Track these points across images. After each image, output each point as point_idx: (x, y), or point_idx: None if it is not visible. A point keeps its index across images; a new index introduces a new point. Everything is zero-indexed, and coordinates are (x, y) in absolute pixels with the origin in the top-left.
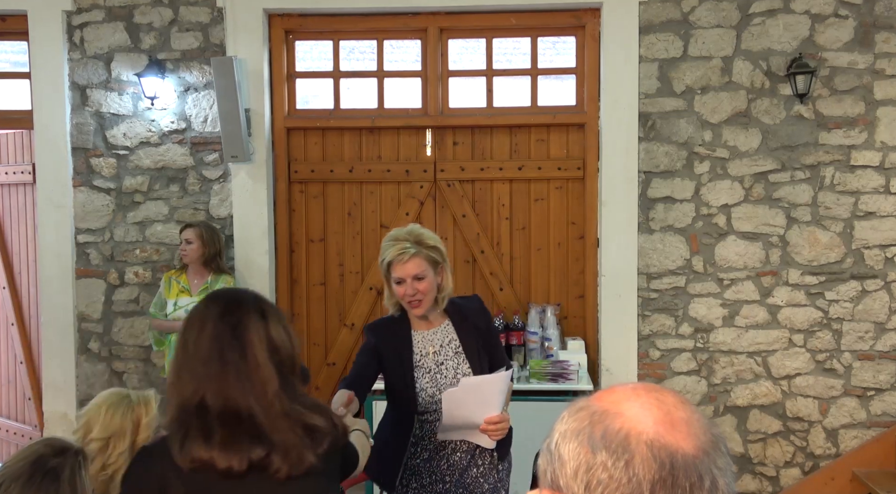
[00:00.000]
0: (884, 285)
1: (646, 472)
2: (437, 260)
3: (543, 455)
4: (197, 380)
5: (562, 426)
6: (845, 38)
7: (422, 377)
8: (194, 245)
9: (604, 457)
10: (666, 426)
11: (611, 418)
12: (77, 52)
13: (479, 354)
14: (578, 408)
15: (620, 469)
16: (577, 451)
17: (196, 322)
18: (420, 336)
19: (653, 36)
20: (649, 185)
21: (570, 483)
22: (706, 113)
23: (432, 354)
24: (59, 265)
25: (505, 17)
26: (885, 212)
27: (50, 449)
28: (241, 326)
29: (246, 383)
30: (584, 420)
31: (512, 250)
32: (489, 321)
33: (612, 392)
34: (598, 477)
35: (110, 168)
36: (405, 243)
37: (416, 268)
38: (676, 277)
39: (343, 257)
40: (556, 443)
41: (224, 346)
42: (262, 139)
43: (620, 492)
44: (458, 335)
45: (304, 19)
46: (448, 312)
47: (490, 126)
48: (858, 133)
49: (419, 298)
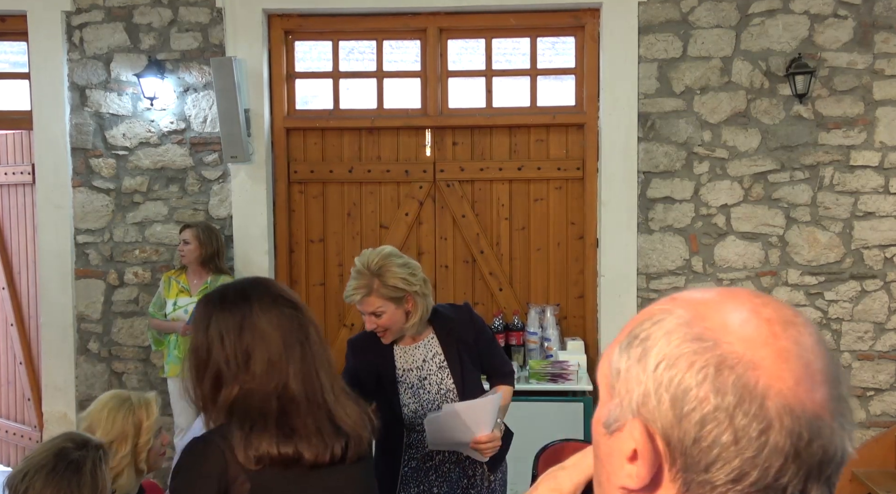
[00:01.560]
0: (883, 285)
1: (782, 445)
2: (398, 295)
3: (633, 373)
4: (274, 367)
5: (667, 347)
6: (844, 38)
7: (404, 392)
8: (192, 246)
9: (731, 413)
10: (807, 387)
11: (744, 366)
12: (76, 52)
13: (463, 368)
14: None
15: (752, 436)
16: (691, 388)
17: (253, 305)
18: (402, 351)
19: (652, 36)
20: (649, 185)
21: (671, 423)
22: (705, 113)
23: (415, 370)
24: (58, 266)
25: (504, 17)
26: (884, 212)
27: (72, 443)
28: (299, 310)
29: (318, 368)
30: (703, 354)
31: (511, 250)
32: (479, 330)
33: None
34: (717, 437)
35: (110, 169)
36: (360, 281)
37: (371, 306)
38: (676, 277)
39: (342, 258)
40: (658, 365)
41: (291, 330)
42: (261, 140)
43: (740, 460)
44: (443, 348)
45: (304, 20)
46: (433, 324)
47: (489, 126)
48: (858, 133)
49: (380, 331)
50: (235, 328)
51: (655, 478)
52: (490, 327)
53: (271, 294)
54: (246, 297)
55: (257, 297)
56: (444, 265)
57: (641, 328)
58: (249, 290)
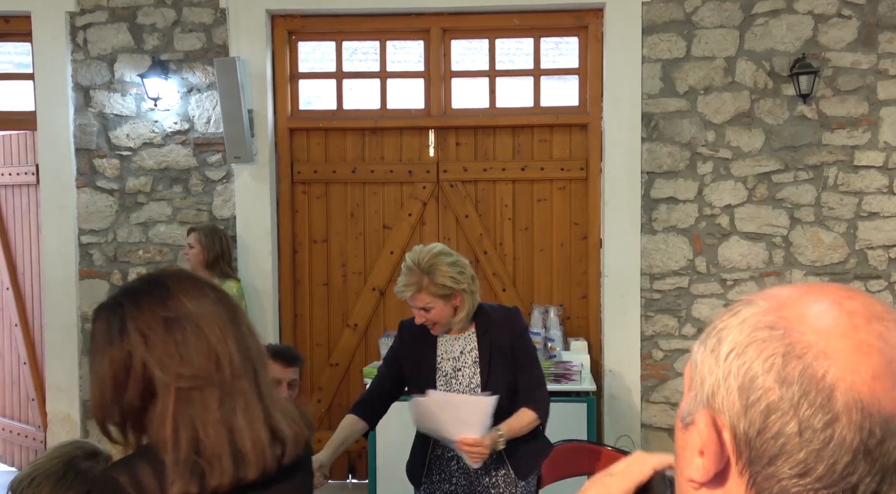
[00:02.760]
0: (887, 285)
1: (850, 440)
2: (447, 293)
3: (706, 361)
4: (215, 355)
5: (739, 336)
6: (848, 38)
7: (439, 378)
8: (195, 250)
9: (796, 404)
10: (885, 383)
11: (813, 356)
12: (80, 53)
13: (491, 368)
14: (766, 320)
15: (816, 428)
16: (758, 376)
17: (174, 291)
18: (444, 340)
19: (656, 36)
20: (652, 185)
21: (738, 414)
22: (709, 113)
23: (452, 360)
24: (62, 266)
25: (508, 17)
26: (888, 212)
27: (81, 452)
28: (224, 296)
29: (254, 357)
30: (773, 342)
31: (515, 250)
32: (517, 336)
33: (815, 305)
34: (781, 428)
35: (113, 169)
36: (411, 278)
37: (421, 302)
38: (679, 277)
39: (346, 258)
40: (729, 354)
41: (223, 313)
42: (264, 140)
43: (805, 452)
44: (479, 345)
45: (307, 20)
46: (476, 320)
47: (493, 127)
48: (862, 133)
49: (429, 325)
50: (160, 322)
51: (723, 472)
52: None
53: (190, 279)
54: (162, 285)
55: (175, 282)
56: None
57: (721, 319)
58: (163, 278)
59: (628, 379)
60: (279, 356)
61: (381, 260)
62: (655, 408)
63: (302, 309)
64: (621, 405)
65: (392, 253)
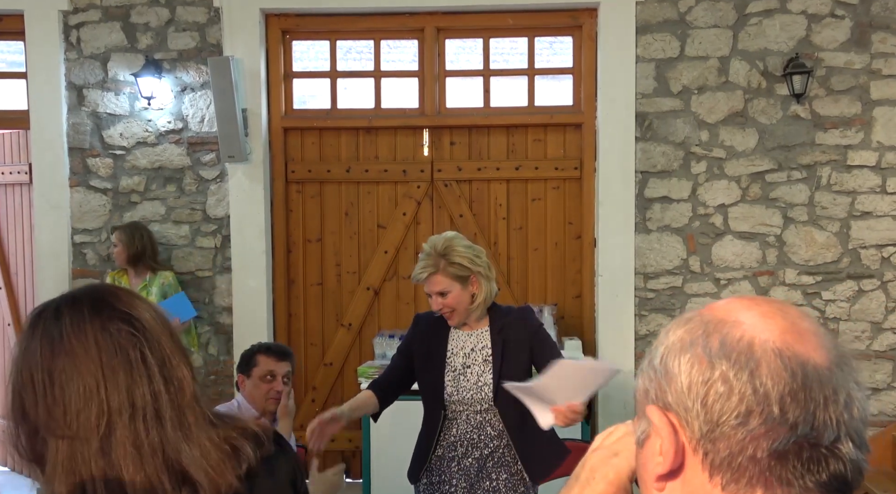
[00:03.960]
0: (880, 284)
1: (775, 382)
2: (464, 275)
3: (645, 373)
4: (92, 402)
5: (668, 339)
6: (842, 38)
7: (447, 374)
8: (118, 247)
9: (724, 368)
10: (793, 336)
11: (729, 326)
12: (74, 52)
13: (503, 367)
14: (687, 319)
15: (744, 380)
16: (689, 364)
17: (64, 323)
18: (456, 335)
19: (649, 36)
20: (646, 185)
21: (682, 399)
22: (703, 113)
23: (462, 356)
24: (55, 266)
25: (502, 17)
26: (881, 212)
27: None
28: (134, 323)
29: (156, 395)
30: (696, 331)
31: (509, 249)
32: (533, 332)
33: (726, 303)
34: (717, 390)
35: (107, 168)
36: (428, 261)
37: (438, 285)
38: (673, 277)
39: (340, 258)
40: (663, 357)
41: (116, 349)
42: (258, 139)
43: (744, 406)
44: (491, 342)
45: (301, 19)
46: (490, 317)
47: (487, 126)
48: (855, 133)
49: (447, 311)
50: (45, 359)
51: (678, 457)
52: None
53: (92, 305)
54: (58, 315)
55: (70, 310)
56: None
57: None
58: (64, 305)
59: (622, 378)
60: (271, 351)
61: (375, 259)
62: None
63: (296, 309)
64: (615, 405)
65: (386, 252)
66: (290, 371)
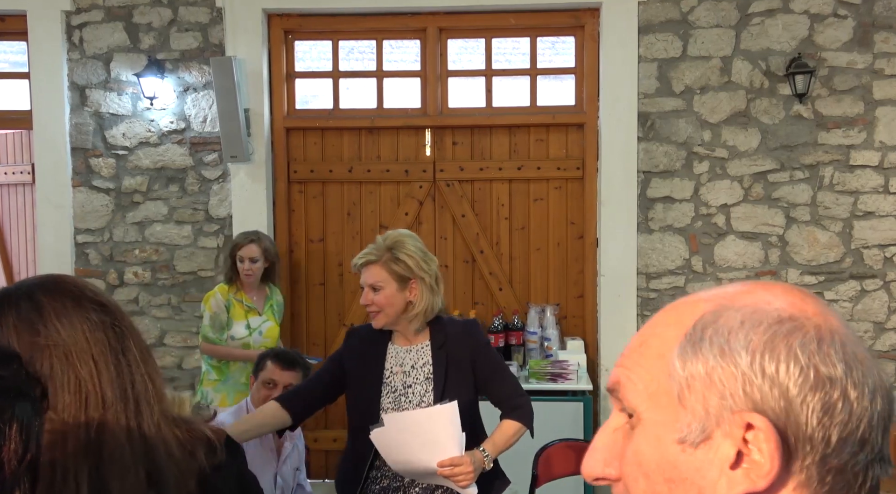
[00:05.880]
0: (883, 284)
1: (881, 382)
2: (405, 275)
3: (711, 367)
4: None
5: (754, 335)
6: (844, 38)
7: (386, 395)
8: (259, 263)
9: (838, 373)
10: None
11: (831, 333)
12: (76, 52)
13: (446, 385)
14: (770, 316)
15: (859, 383)
16: (793, 368)
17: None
18: (395, 351)
19: (652, 36)
20: (648, 185)
21: (783, 410)
22: (705, 113)
23: (402, 374)
24: (58, 266)
25: (504, 17)
26: (884, 212)
27: None
28: (110, 313)
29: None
30: (796, 334)
31: (511, 250)
32: (479, 350)
33: (780, 295)
34: (836, 404)
35: (109, 168)
36: (371, 249)
37: (373, 277)
38: (676, 277)
39: (342, 258)
40: (754, 356)
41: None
42: (261, 139)
43: (847, 414)
44: (433, 359)
45: (304, 19)
46: (432, 332)
47: (489, 126)
48: (857, 133)
49: (374, 309)
50: (25, 350)
51: (781, 475)
52: (498, 351)
53: (70, 294)
54: (36, 304)
55: (50, 300)
56: (444, 265)
57: (702, 329)
58: (39, 292)
59: None
60: (279, 358)
61: None
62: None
63: (299, 308)
64: None
65: None
66: (293, 384)
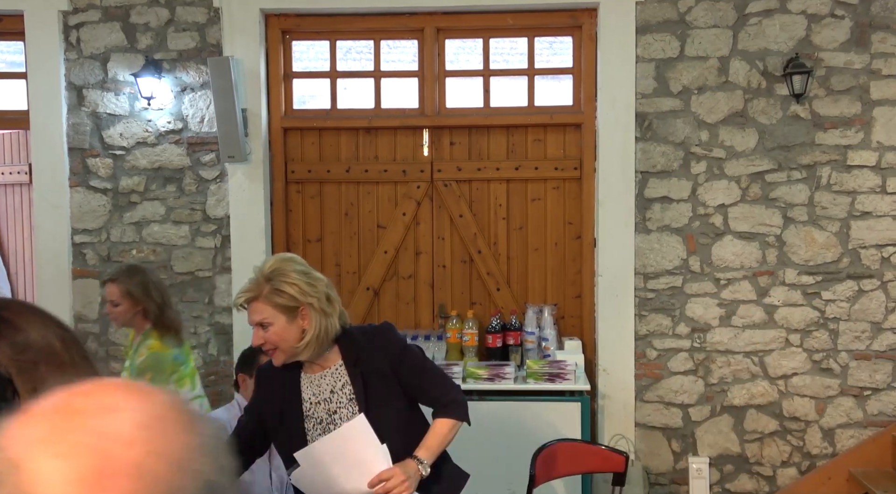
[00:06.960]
0: (880, 284)
1: None
2: (291, 305)
3: None
4: None
5: None
6: (842, 38)
7: (313, 428)
8: (120, 307)
9: None
10: None
11: None
12: (73, 52)
13: (369, 401)
14: None
15: None
16: None
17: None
18: (309, 381)
19: (649, 36)
20: (646, 185)
21: None
22: (703, 113)
23: (324, 402)
24: (55, 266)
25: (502, 17)
26: (881, 212)
27: None
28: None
29: None
30: None
31: (509, 250)
32: (397, 358)
33: None
34: None
35: (107, 168)
36: (250, 285)
37: (259, 315)
38: (673, 277)
39: (340, 258)
40: None
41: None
42: (258, 139)
43: None
44: (351, 378)
45: (301, 19)
46: (342, 350)
47: (487, 126)
48: (855, 133)
49: (269, 347)
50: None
51: None
52: (419, 348)
53: (31, 309)
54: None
55: (15, 312)
56: (442, 265)
57: None
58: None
59: (622, 378)
60: None
61: (375, 260)
62: (649, 407)
63: None
64: (615, 405)
65: (386, 253)
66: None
